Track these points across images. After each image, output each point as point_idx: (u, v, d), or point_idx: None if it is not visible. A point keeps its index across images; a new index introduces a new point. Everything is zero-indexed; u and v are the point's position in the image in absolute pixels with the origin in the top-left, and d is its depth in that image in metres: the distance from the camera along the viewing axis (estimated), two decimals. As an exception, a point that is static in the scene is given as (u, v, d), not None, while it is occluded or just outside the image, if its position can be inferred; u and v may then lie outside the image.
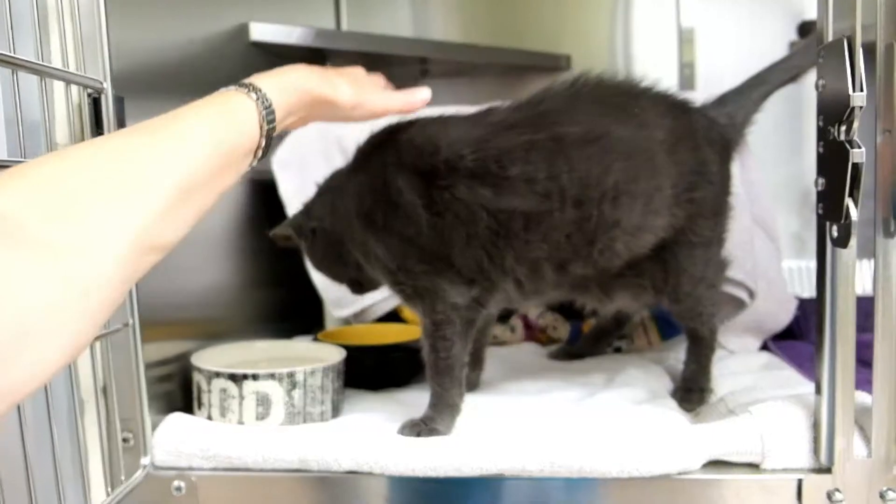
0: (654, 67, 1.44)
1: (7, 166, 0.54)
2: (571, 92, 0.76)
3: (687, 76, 1.43)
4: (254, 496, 0.73)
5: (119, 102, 0.68)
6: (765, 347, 1.06)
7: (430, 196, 0.72)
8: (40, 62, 0.58)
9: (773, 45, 1.39)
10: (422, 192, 0.73)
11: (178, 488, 0.73)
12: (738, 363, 0.97)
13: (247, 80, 0.55)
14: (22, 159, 0.55)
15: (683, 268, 0.80)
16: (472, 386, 0.91)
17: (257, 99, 0.53)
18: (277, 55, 1.18)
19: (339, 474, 0.71)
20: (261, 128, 0.52)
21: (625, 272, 0.80)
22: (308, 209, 0.82)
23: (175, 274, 0.85)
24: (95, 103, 0.66)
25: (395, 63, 1.43)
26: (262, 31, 1.08)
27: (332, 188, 0.81)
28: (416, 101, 0.72)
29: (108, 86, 0.66)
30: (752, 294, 0.98)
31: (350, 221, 0.77)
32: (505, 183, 0.71)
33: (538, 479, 0.68)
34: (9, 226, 0.35)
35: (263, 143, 0.53)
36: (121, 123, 0.68)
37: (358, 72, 0.71)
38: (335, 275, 0.86)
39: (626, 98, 0.77)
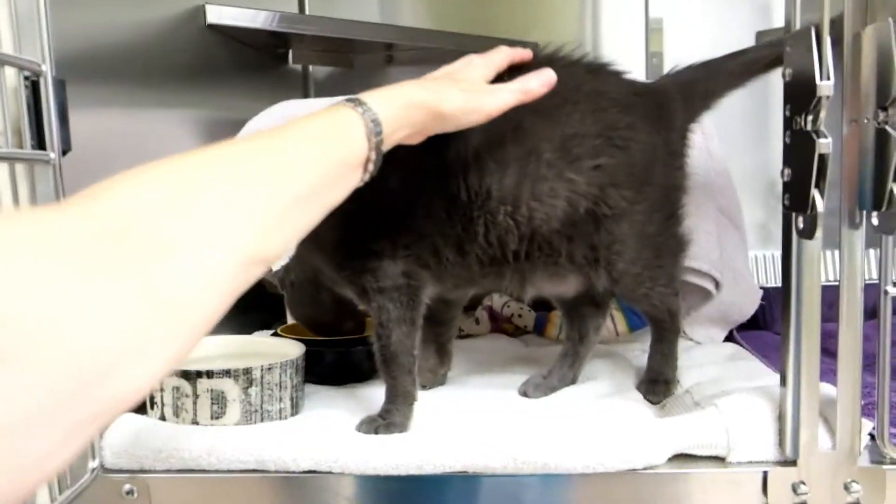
0: (622, 57, 1.43)
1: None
2: None
3: (655, 65, 1.42)
4: (209, 498, 0.70)
5: (60, 86, 0.64)
6: (730, 338, 1.06)
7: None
8: (-29, 43, 0.54)
9: (742, 35, 1.38)
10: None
11: (130, 491, 0.70)
12: (704, 354, 0.96)
13: (354, 96, 0.55)
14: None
15: (609, 243, 0.74)
16: (439, 382, 0.89)
17: (363, 112, 0.53)
18: (236, 39, 1.14)
19: (298, 474, 0.69)
20: (368, 140, 0.53)
21: (535, 252, 0.74)
22: (287, 264, 0.85)
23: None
24: (34, 86, 0.62)
25: (360, 49, 1.40)
26: (219, 14, 1.05)
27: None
28: (535, 86, 0.66)
29: (47, 68, 0.62)
30: (718, 285, 0.97)
31: (307, 256, 0.80)
32: (384, 168, 0.67)
33: (502, 476, 0.67)
34: (116, 225, 0.34)
35: (373, 157, 0.54)
36: (62, 108, 0.64)
37: (470, 69, 0.66)
38: (312, 320, 0.90)
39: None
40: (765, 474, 0.66)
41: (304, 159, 0.46)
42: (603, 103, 0.74)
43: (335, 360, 0.90)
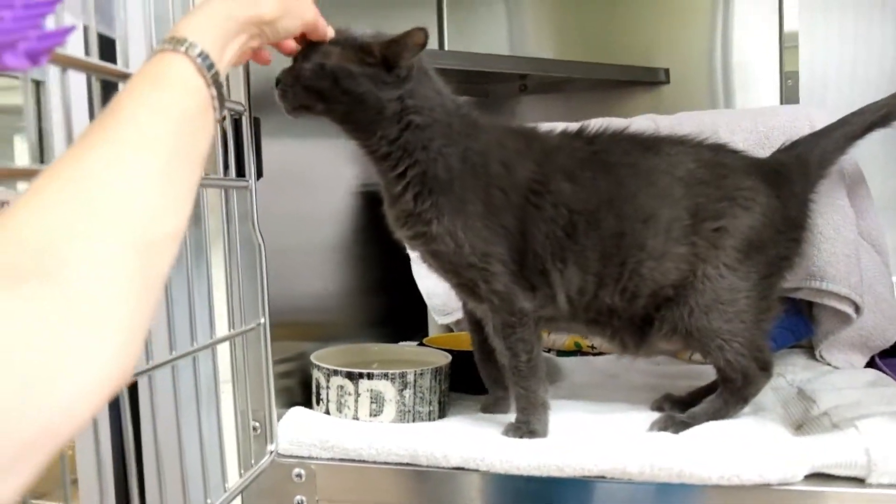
0: (755, 80, 1.42)
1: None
2: (612, 132, 0.85)
3: (790, 87, 1.39)
4: (366, 486, 0.79)
5: (256, 122, 0.76)
6: (871, 364, 1.03)
7: (529, 189, 0.79)
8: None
9: (883, 50, 1.34)
10: (522, 187, 0.78)
11: (299, 475, 0.80)
12: (843, 379, 0.95)
13: (172, 35, 0.49)
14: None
15: (696, 293, 0.79)
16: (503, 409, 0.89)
17: (186, 50, 0.48)
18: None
19: (447, 470, 0.76)
20: (204, 78, 0.48)
21: (649, 312, 0.81)
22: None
23: (293, 279, 0.93)
24: (236, 123, 0.74)
25: (495, 79, 1.48)
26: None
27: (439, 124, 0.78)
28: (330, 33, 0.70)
29: (246, 108, 0.74)
30: (858, 309, 0.96)
31: (448, 175, 0.77)
32: (578, 181, 0.79)
33: (636, 484, 0.70)
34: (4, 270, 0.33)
35: (215, 92, 0.49)
36: (257, 139, 0.76)
37: None
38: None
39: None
40: (906, 497, 0.66)
41: (148, 130, 0.43)
42: (725, 171, 0.82)
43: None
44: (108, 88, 0.58)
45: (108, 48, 0.59)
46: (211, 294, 0.70)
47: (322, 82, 0.71)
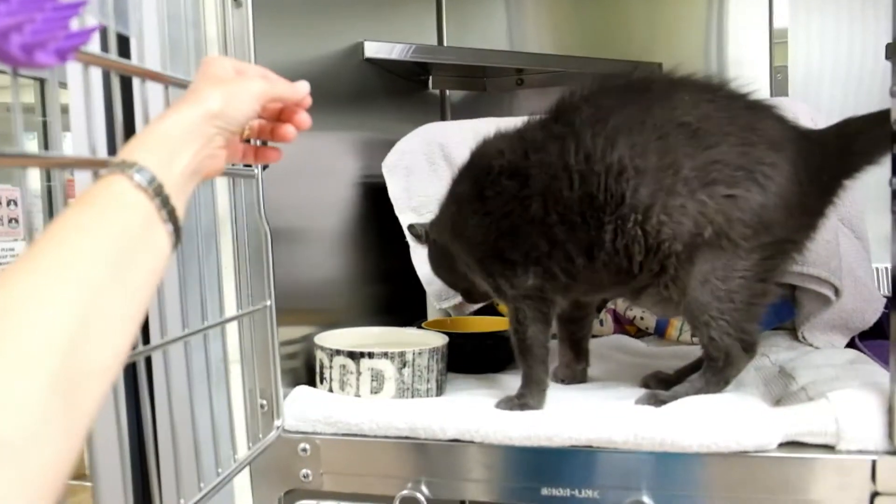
0: (746, 72, 1.46)
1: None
2: (595, 88, 0.83)
3: (779, 81, 1.43)
4: (368, 458, 0.83)
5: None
6: (852, 345, 1.08)
7: (481, 196, 0.85)
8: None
9: (873, 48, 1.38)
10: (476, 195, 0.85)
11: (304, 449, 0.84)
12: (823, 358, 0.99)
13: (115, 160, 0.47)
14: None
15: (700, 257, 0.77)
16: (579, 378, 0.97)
17: (124, 169, 0.46)
18: (385, 69, 1.30)
19: (444, 442, 0.80)
20: (144, 191, 0.45)
21: (654, 269, 0.80)
22: (432, 221, 0.96)
23: (298, 266, 0.98)
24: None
25: (492, 74, 1.53)
26: (373, 49, 1.21)
27: (441, 205, 0.94)
28: (300, 89, 0.64)
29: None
30: (837, 291, 1.01)
31: (449, 235, 0.91)
32: (526, 172, 0.82)
33: (621, 453, 0.75)
34: None
35: (159, 203, 0.46)
36: (264, 134, 0.80)
37: (217, 64, 0.58)
38: (449, 283, 1.00)
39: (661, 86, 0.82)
40: (873, 463, 0.70)
41: (81, 254, 0.40)
42: (754, 138, 0.76)
43: (473, 350, 1.01)
44: (126, 86, 0.62)
45: (123, 46, 0.63)
46: (220, 277, 0.75)
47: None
